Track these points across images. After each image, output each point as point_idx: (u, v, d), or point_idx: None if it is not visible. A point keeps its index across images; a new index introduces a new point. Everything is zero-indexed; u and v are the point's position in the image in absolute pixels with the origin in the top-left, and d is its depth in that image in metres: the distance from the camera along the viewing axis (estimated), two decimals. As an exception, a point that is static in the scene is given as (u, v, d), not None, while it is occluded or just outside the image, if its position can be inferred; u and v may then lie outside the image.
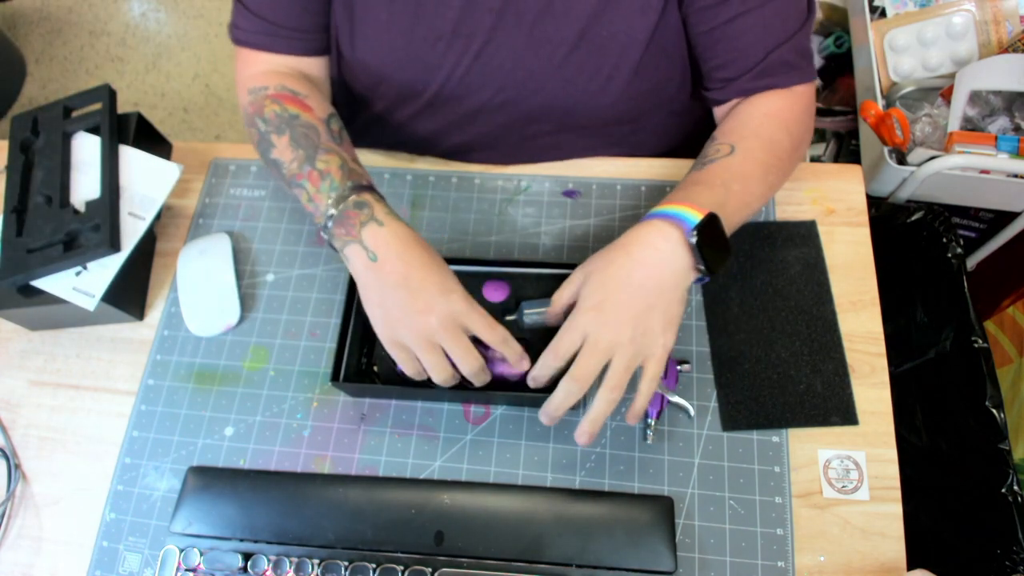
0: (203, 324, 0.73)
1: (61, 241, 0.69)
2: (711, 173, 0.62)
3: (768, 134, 0.65)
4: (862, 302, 0.70)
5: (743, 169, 0.63)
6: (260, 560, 0.61)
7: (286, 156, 0.64)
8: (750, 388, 0.66)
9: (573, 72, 0.70)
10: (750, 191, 0.62)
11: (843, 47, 1.34)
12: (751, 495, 0.62)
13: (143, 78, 2.05)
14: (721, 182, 0.61)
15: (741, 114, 0.68)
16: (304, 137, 0.64)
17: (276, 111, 0.67)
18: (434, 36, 0.68)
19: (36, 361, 0.74)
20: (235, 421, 0.69)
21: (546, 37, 0.67)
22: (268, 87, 0.69)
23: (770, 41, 0.66)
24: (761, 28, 0.65)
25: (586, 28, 0.66)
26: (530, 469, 0.64)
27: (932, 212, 0.91)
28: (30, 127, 0.77)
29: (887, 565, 0.59)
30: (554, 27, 0.66)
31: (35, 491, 0.68)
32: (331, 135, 0.66)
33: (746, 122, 0.67)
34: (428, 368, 0.58)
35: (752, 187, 0.63)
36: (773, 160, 0.65)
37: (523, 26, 0.66)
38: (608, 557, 0.58)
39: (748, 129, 0.66)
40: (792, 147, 0.67)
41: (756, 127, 0.66)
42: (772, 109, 0.67)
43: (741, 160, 0.63)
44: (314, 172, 0.62)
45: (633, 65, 0.69)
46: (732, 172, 0.62)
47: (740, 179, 0.62)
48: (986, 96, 0.99)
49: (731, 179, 0.61)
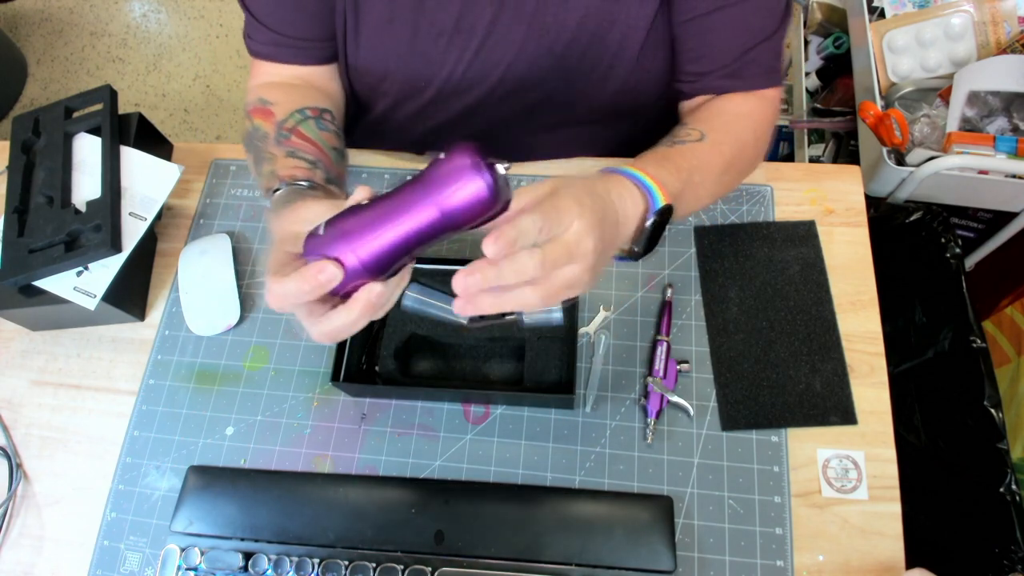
0: (204, 324, 0.73)
1: (62, 241, 0.69)
2: (680, 154, 0.61)
3: (737, 133, 0.65)
4: (861, 302, 0.70)
5: (708, 160, 0.62)
6: (260, 559, 0.61)
7: (253, 172, 0.68)
8: (749, 388, 0.66)
9: (574, 62, 0.70)
10: (705, 187, 0.62)
11: (842, 48, 1.34)
12: (750, 495, 0.62)
13: (144, 79, 2.05)
14: (687, 168, 0.59)
15: (713, 108, 0.68)
16: (257, 151, 0.67)
17: (248, 128, 0.69)
18: (436, 31, 0.68)
19: (37, 361, 0.74)
20: (236, 421, 0.69)
21: (545, 27, 0.67)
22: (250, 102, 0.71)
23: (747, 40, 0.66)
24: (739, 25, 0.65)
25: (585, 17, 0.66)
26: (530, 469, 0.65)
27: (931, 212, 0.91)
28: (31, 128, 0.77)
29: (886, 564, 0.59)
30: (553, 17, 0.66)
31: (36, 490, 0.68)
32: (277, 138, 0.66)
33: (718, 116, 0.67)
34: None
35: (708, 183, 0.62)
36: (736, 159, 0.65)
37: (523, 17, 0.66)
38: (608, 557, 0.59)
39: (719, 122, 0.66)
40: (755, 152, 0.68)
41: (727, 123, 0.66)
42: (744, 110, 0.67)
43: (708, 149, 0.63)
44: (261, 180, 0.65)
45: (634, 55, 0.69)
46: (698, 160, 0.61)
47: (701, 171, 0.61)
48: (984, 97, 1.00)
49: (695, 168, 0.60)
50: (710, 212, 0.75)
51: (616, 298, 0.72)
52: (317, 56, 0.73)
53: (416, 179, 0.42)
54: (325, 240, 0.44)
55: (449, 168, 0.40)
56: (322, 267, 0.44)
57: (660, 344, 0.68)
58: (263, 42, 0.72)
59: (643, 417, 0.65)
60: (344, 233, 0.43)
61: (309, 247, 0.45)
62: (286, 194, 0.60)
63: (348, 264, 0.43)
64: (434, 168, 0.41)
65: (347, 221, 0.44)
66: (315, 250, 0.45)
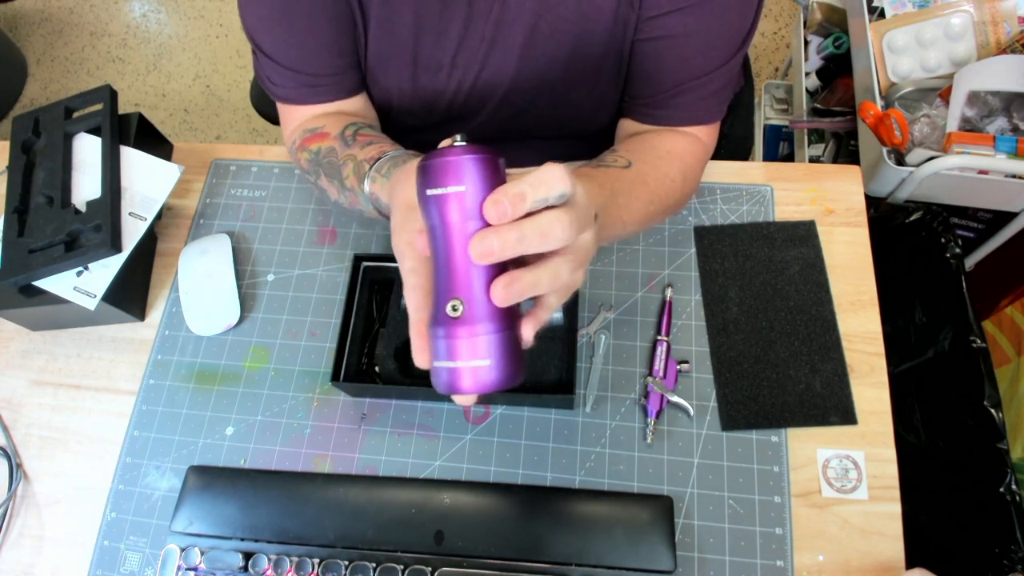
0: (204, 324, 0.73)
1: (62, 241, 0.69)
2: (603, 175, 0.59)
3: (665, 169, 0.64)
4: (861, 302, 0.70)
5: (632, 187, 0.60)
6: (260, 559, 0.61)
7: (332, 191, 0.66)
8: (749, 388, 0.66)
9: (566, 90, 0.70)
10: (630, 212, 0.59)
11: (842, 48, 1.34)
12: (750, 495, 0.62)
13: (144, 79, 2.05)
14: (610, 188, 0.57)
15: (646, 142, 0.67)
16: (330, 166, 0.65)
17: (307, 157, 0.68)
18: (435, 67, 0.69)
19: (37, 361, 0.74)
20: (236, 421, 0.69)
21: (535, 59, 0.67)
22: (296, 140, 0.70)
23: (681, 76, 0.64)
24: (676, 59, 0.64)
25: (576, 48, 0.66)
26: (530, 469, 0.65)
27: (931, 212, 0.91)
28: (31, 128, 0.77)
29: (886, 564, 0.59)
30: (542, 49, 0.66)
31: (36, 490, 0.68)
32: (344, 144, 0.65)
33: (651, 149, 0.66)
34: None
35: (633, 209, 0.60)
36: (661, 194, 0.64)
37: (512, 51, 0.66)
38: (608, 556, 0.59)
39: (648, 156, 0.65)
40: (683, 192, 0.67)
41: (657, 157, 0.65)
42: (675, 149, 0.66)
43: (633, 178, 0.61)
44: (347, 192, 0.63)
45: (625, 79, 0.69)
46: (622, 184, 0.59)
47: (625, 195, 0.59)
48: (984, 97, 1.00)
49: (618, 191, 0.58)
50: (710, 212, 0.75)
51: (616, 298, 0.72)
52: (349, 88, 0.70)
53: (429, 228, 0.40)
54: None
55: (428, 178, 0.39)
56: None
57: (660, 344, 0.68)
58: (292, 86, 0.69)
59: (643, 417, 0.65)
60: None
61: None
62: (385, 164, 0.57)
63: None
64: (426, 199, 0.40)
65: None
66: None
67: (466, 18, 0.64)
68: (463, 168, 0.38)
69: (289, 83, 0.69)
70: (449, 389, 0.40)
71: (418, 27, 0.65)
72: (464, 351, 0.39)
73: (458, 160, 0.38)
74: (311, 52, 0.67)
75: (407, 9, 0.64)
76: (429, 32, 0.66)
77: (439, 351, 0.40)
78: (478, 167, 0.38)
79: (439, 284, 0.40)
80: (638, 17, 0.63)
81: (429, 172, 0.39)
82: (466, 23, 0.65)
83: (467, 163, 0.38)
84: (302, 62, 0.67)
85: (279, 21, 0.65)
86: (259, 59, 0.69)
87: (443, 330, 0.40)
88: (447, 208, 0.39)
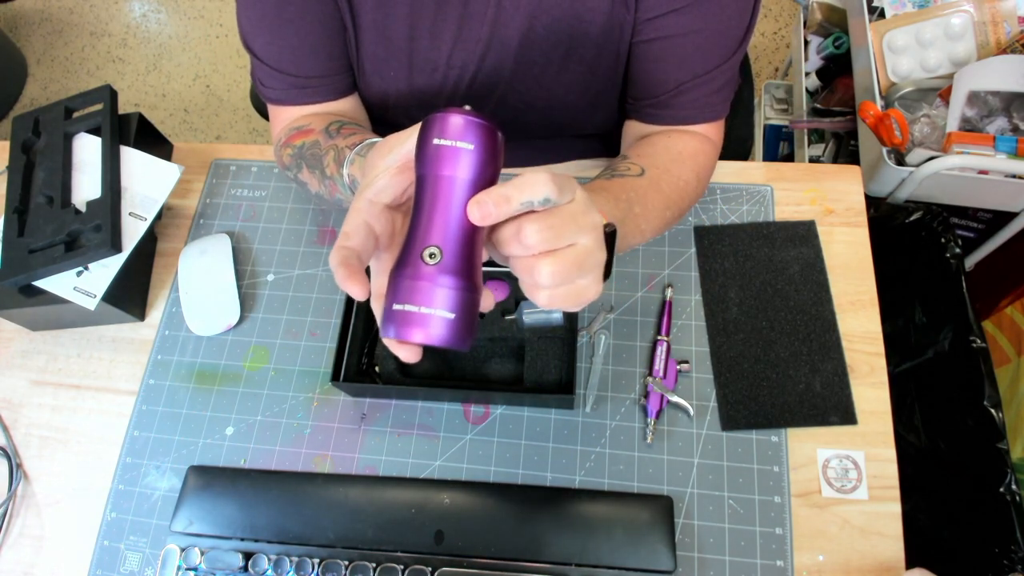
0: (204, 324, 0.73)
1: (62, 241, 0.69)
2: (618, 186, 0.60)
3: (677, 172, 0.65)
4: (861, 302, 0.70)
5: (647, 195, 0.61)
6: (260, 559, 0.61)
7: (313, 183, 0.66)
8: (749, 388, 0.66)
9: (562, 91, 0.70)
10: (647, 220, 0.61)
11: (842, 48, 1.34)
12: (750, 494, 0.62)
13: (144, 79, 2.05)
14: (626, 199, 0.58)
15: (656, 145, 0.67)
16: (312, 157, 0.65)
17: (289, 152, 0.68)
18: (430, 68, 0.69)
19: (37, 361, 0.74)
20: (236, 421, 0.69)
21: (531, 60, 0.67)
22: (282, 138, 0.70)
23: (681, 75, 0.65)
24: (677, 59, 0.64)
25: (571, 49, 0.66)
26: (530, 469, 0.65)
27: (931, 212, 0.91)
28: (31, 128, 0.77)
29: (886, 564, 0.59)
30: (539, 51, 0.66)
31: (36, 490, 0.68)
32: (328, 137, 0.65)
33: (660, 153, 0.66)
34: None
35: (650, 217, 0.61)
36: (676, 197, 0.64)
37: (508, 53, 0.66)
38: (608, 556, 0.59)
39: (660, 160, 0.65)
40: (696, 193, 0.68)
41: (668, 162, 0.65)
42: (687, 150, 0.67)
43: (647, 185, 0.62)
44: (327, 180, 0.63)
45: (623, 81, 0.69)
46: (637, 193, 0.60)
47: (641, 203, 0.60)
48: (984, 97, 1.00)
49: (634, 200, 0.59)
50: (710, 212, 0.75)
51: (616, 298, 0.72)
52: (339, 89, 0.71)
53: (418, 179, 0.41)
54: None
55: (432, 130, 0.40)
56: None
57: (660, 344, 0.68)
58: (282, 88, 0.69)
59: (643, 417, 0.65)
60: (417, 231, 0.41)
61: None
62: (365, 148, 0.57)
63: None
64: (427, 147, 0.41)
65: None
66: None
67: (461, 18, 0.65)
68: (473, 129, 0.40)
69: (279, 85, 0.69)
70: (402, 335, 0.40)
71: (413, 28, 0.66)
72: (431, 298, 0.39)
73: (470, 121, 0.40)
74: (301, 55, 0.67)
75: (402, 11, 0.64)
76: (424, 33, 0.66)
77: (401, 293, 0.40)
78: (486, 134, 0.40)
79: (417, 232, 0.40)
80: (635, 19, 0.63)
81: (439, 123, 0.40)
82: (461, 24, 0.65)
83: (479, 127, 0.40)
84: (292, 64, 0.68)
85: (270, 25, 0.66)
86: (252, 61, 0.70)
87: (413, 273, 0.40)
88: (450, 160, 0.40)
